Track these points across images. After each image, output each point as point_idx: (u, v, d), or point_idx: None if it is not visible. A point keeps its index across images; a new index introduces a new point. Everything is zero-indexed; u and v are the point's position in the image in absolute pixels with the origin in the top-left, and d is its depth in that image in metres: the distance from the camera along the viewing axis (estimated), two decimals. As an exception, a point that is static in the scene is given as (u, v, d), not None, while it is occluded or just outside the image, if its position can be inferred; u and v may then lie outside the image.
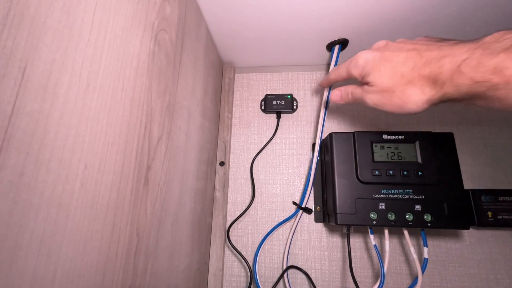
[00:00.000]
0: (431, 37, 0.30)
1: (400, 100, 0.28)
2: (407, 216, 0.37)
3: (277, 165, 0.51)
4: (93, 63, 0.18)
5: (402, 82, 0.27)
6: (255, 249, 0.47)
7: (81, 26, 0.17)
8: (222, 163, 0.50)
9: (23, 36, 0.13)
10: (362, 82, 0.32)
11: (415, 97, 0.27)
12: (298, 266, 0.46)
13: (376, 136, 0.41)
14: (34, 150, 0.14)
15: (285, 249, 0.46)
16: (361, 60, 0.31)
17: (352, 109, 0.52)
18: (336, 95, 0.37)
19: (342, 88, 0.36)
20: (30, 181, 0.14)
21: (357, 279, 0.42)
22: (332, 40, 0.46)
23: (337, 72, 0.36)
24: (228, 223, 0.48)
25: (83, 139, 0.17)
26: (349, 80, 0.35)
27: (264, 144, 0.51)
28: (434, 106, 0.27)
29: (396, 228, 0.39)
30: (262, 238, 0.47)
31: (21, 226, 0.13)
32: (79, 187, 0.17)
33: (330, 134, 0.43)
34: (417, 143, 0.40)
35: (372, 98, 0.31)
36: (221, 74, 0.54)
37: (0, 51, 0.12)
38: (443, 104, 0.26)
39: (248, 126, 0.54)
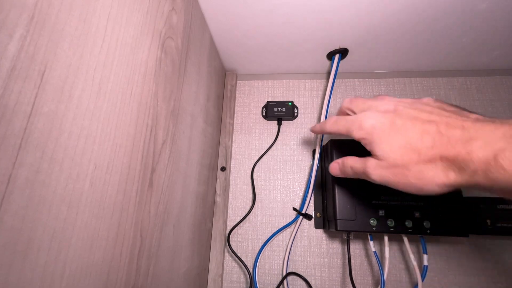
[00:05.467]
0: (441, 102, 0.26)
1: (419, 181, 0.24)
2: (406, 222, 0.37)
3: (277, 171, 0.52)
4: (105, 69, 0.19)
5: (420, 160, 0.23)
6: (255, 255, 0.47)
7: (95, 34, 0.18)
8: (223, 168, 0.51)
9: (44, 42, 0.14)
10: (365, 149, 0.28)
11: (437, 180, 0.23)
12: (298, 272, 0.46)
13: (375, 143, 0.41)
14: (49, 149, 0.14)
15: (285, 255, 0.46)
16: (367, 125, 0.27)
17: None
18: (335, 168, 0.33)
19: (340, 161, 0.32)
20: (45, 179, 0.14)
21: (357, 286, 0.42)
22: (332, 50, 0.48)
23: (334, 127, 0.32)
24: (228, 228, 0.49)
25: (93, 140, 0.18)
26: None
27: (265, 150, 0.52)
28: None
29: (396, 234, 0.39)
30: (262, 244, 0.47)
31: (34, 221, 0.14)
32: (88, 187, 0.18)
33: (330, 141, 0.43)
34: (415, 151, 0.41)
35: (381, 174, 0.26)
36: (223, 81, 0.56)
37: (23, 56, 0.13)
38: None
39: (250, 132, 0.54)
